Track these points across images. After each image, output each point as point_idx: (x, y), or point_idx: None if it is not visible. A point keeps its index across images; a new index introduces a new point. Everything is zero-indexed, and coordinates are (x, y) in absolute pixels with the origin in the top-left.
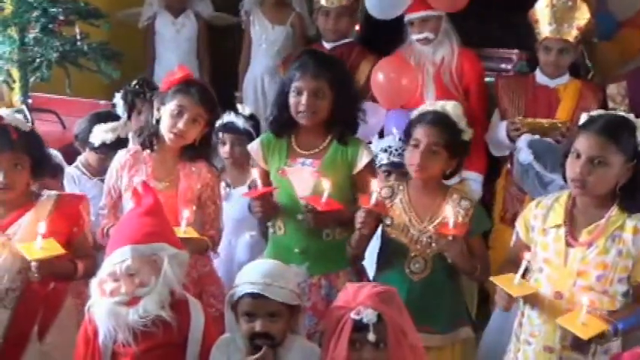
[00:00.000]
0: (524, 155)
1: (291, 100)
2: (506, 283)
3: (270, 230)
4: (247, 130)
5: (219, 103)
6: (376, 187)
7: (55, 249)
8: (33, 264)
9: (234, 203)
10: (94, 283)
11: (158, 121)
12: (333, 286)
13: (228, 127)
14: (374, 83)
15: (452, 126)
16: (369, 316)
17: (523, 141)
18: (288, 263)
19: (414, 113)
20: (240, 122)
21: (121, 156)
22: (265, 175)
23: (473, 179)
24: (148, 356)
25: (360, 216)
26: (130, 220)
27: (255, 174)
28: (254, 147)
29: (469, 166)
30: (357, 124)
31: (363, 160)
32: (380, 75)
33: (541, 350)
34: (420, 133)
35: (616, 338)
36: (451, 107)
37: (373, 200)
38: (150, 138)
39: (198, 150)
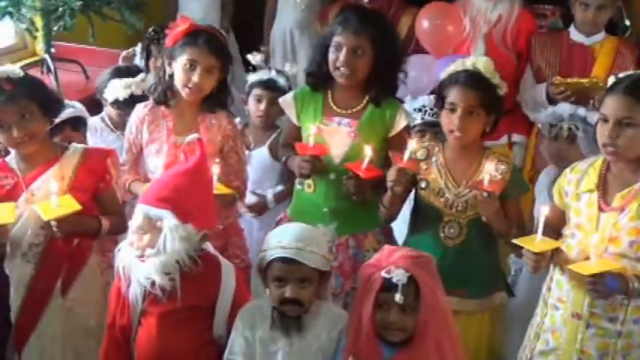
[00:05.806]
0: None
1: (330, 54)
2: (528, 243)
3: (298, 187)
4: (288, 90)
5: (243, 58)
6: (412, 145)
7: (71, 206)
8: (52, 222)
9: (254, 163)
10: (130, 229)
11: (171, 76)
12: (361, 247)
13: (269, 85)
14: (419, 31)
15: (486, 83)
16: (399, 275)
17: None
18: (315, 221)
19: (443, 73)
20: (282, 80)
21: (140, 111)
22: (296, 131)
23: (520, 142)
24: (174, 317)
25: (391, 174)
26: (163, 177)
27: None
28: (287, 100)
29: (517, 129)
30: (397, 86)
31: (400, 123)
32: (425, 22)
33: (569, 317)
34: (454, 96)
35: None
36: (482, 64)
37: (406, 158)
38: (164, 94)
39: (217, 98)
